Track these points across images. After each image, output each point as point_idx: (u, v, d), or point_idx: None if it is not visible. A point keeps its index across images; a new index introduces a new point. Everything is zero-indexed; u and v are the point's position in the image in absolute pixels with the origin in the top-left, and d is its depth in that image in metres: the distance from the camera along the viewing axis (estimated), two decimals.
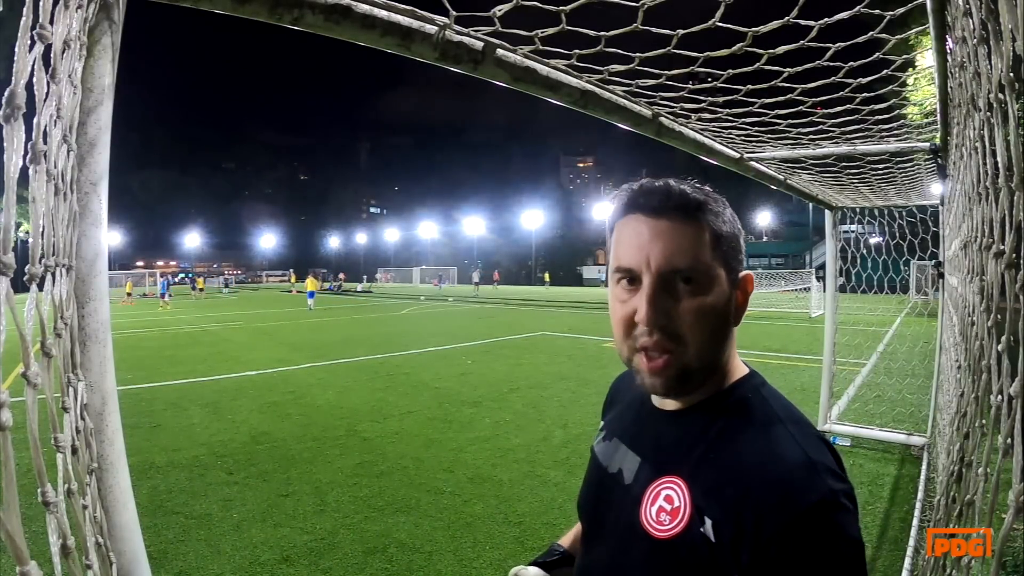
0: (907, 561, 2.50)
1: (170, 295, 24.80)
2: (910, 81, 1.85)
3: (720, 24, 1.12)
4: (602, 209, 54.32)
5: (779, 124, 1.96)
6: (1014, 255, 0.58)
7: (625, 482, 0.66)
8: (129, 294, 27.14)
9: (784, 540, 0.51)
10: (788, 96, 1.62)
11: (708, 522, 0.55)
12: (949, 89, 1.53)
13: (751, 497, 0.53)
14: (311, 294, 22.47)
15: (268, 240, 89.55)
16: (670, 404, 0.66)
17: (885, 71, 1.50)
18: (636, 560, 0.61)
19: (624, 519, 0.63)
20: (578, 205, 70.32)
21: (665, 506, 0.59)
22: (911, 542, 2.65)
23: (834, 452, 0.59)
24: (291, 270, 53.65)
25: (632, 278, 0.61)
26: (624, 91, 1.45)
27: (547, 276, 46.93)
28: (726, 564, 0.53)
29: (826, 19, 1.14)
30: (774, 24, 1.16)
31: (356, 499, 3.45)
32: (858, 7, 1.10)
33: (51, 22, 0.44)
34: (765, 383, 0.65)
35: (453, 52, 1.01)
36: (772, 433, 0.58)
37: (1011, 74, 0.55)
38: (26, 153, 0.40)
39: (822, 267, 5.72)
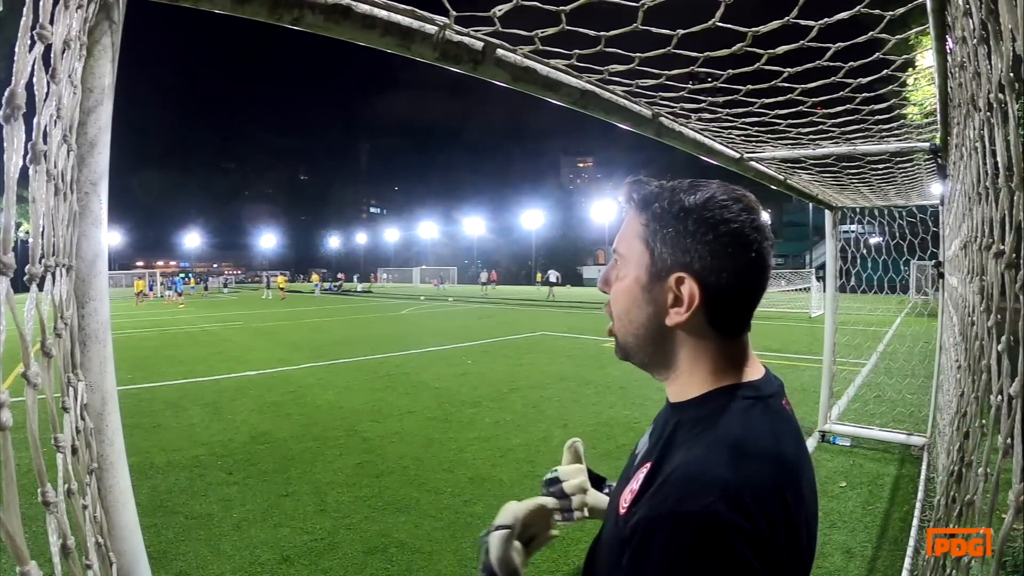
0: (907, 561, 2.50)
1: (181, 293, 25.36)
2: (910, 81, 1.85)
3: (720, 24, 1.12)
4: (602, 209, 54.32)
5: (779, 124, 1.96)
6: (1014, 255, 0.58)
7: (634, 463, 0.71)
8: (140, 293, 26.28)
9: (643, 531, 0.52)
10: (788, 96, 1.62)
11: (638, 504, 0.58)
12: (949, 89, 1.53)
13: (653, 488, 0.56)
14: (317, 285, 37.09)
15: (268, 240, 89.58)
16: (671, 396, 0.69)
17: (885, 71, 1.50)
18: (607, 533, 0.66)
19: (617, 495, 0.67)
20: (578, 205, 70.16)
21: (634, 487, 0.62)
22: (911, 542, 2.65)
23: (777, 497, 0.52)
24: (278, 273, 47.73)
25: None
26: (624, 91, 1.45)
27: (540, 276, 45.70)
28: None
29: (826, 19, 1.14)
30: (774, 24, 1.16)
31: (356, 499, 3.45)
32: (858, 7, 1.10)
33: (51, 22, 0.44)
34: (760, 398, 0.62)
35: (453, 52, 1.01)
36: (714, 442, 0.55)
37: (1011, 74, 0.55)
38: (26, 153, 0.40)
39: (822, 267, 5.72)
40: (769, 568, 0.49)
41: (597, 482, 0.91)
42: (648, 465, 0.63)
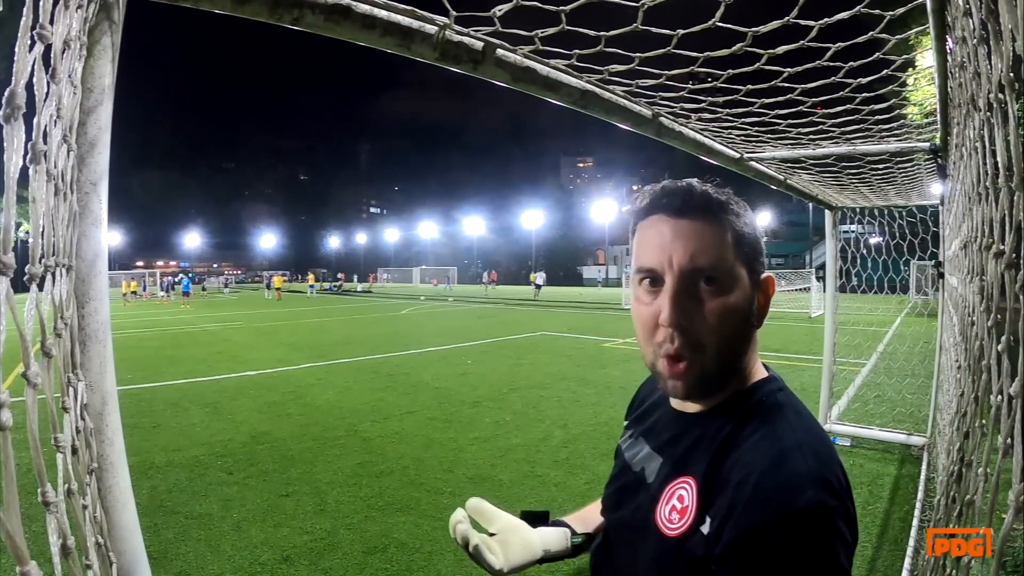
0: (907, 561, 2.50)
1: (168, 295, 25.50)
2: (910, 81, 1.85)
3: (720, 24, 1.12)
4: (602, 209, 54.33)
5: (779, 124, 1.96)
6: (1014, 255, 0.58)
7: (647, 481, 0.68)
8: (132, 293, 26.76)
9: (755, 538, 0.51)
10: (788, 96, 1.62)
11: (708, 520, 0.56)
12: (949, 89, 1.53)
13: (742, 497, 0.54)
14: (312, 286, 35.27)
15: (268, 240, 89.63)
16: (690, 407, 0.67)
17: (885, 71, 1.50)
18: (649, 557, 0.62)
19: (642, 517, 0.65)
20: (578, 205, 70.32)
21: (677, 505, 0.60)
22: (911, 542, 2.65)
23: (842, 470, 0.56)
24: (277, 273, 44.92)
25: (654, 279, 0.62)
26: (624, 91, 1.45)
27: (533, 277, 43.48)
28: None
29: (826, 19, 1.14)
30: (774, 24, 1.15)
31: (356, 499, 3.45)
32: (858, 7, 1.10)
33: (51, 22, 0.44)
34: (784, 388, 0.65)
35: (453, 52, 1.01)
36: (779, 439, 0.56)
37: (1011, 74, 0.55)
38: (26, 153, 0.40)
39: (822, 267, 5.72)
40: (853, 536, 0.53)
41: (539, 518, 0.84)
42: (690, 481, 0.60)
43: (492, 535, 0.78)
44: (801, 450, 0.55)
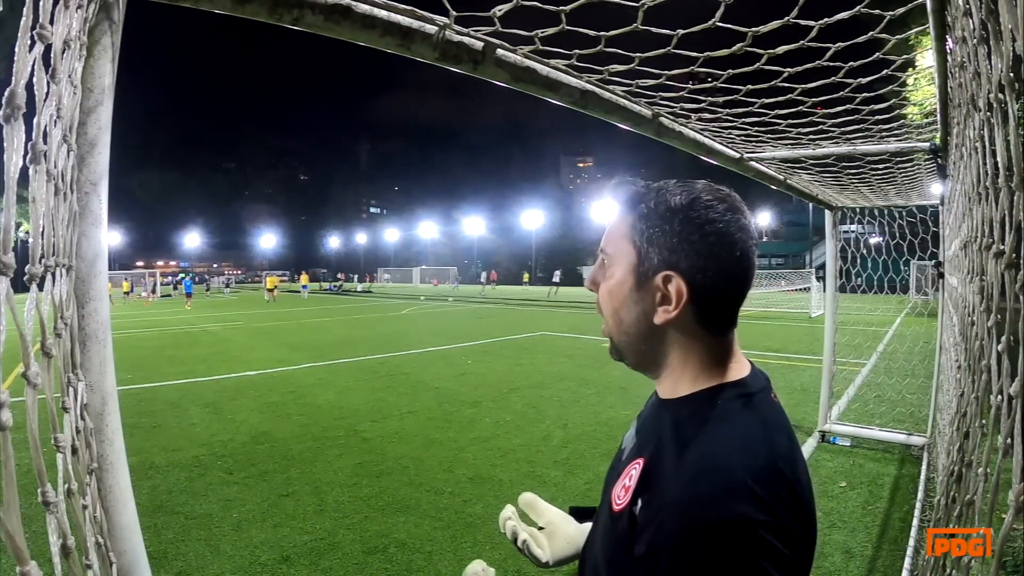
0: (907, 561, 2.50)
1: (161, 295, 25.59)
2: (910, 81, 1.85)
3: (720, 24, 1.12)
4: (602, 209, 54.35)
5: (779, 124, 1.96)
6: (1014, 255, 0.58)
7: (622, 458, 0.72)
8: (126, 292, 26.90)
9: (675, 548, 0.52)
10: (788, 96, 1.62)
11: (639, 503, 0.59)
12: (949, 89, 1.53)
13: (667, 498, 0.55)
14: (304, 287, 32.68)
15: (268, 240, 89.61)
16: (662, 393, 0.69)
17: (885, 71, 1.50)
18: (600, 530, 0.67)
19: (609, 491, 0.67)
20: (578, 205, 70.26)
21: (626, 483, 0.63)
22: (911, 542, 2.65)
23: (786, 484, 0.55)
24: (274, 273, 43.81)
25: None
26: (624, 91, 1.45)
27: (527, 276, 43.53)
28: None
29: (826, 19, 1.14)
30: (774, 24, 1.16)
31: (356, 499, 3.45)
32: (858, 7, 1.10)
33: (51, 22, 0.44)
34: (752, 393, 0.63)
35: (453, 52, 1.01)
36: (715, 452, 0.56)
37: (1011, 74, 0.55)
38: (26, 153, 0.40)
39: (822, 267, 5.72)
40: (793, 552, 0.52)
41: (587, 514, 0.88)
42: (640, 461, 0.63)
43: (541, 528, 0.85)
44: (735, 463, 0.54)
